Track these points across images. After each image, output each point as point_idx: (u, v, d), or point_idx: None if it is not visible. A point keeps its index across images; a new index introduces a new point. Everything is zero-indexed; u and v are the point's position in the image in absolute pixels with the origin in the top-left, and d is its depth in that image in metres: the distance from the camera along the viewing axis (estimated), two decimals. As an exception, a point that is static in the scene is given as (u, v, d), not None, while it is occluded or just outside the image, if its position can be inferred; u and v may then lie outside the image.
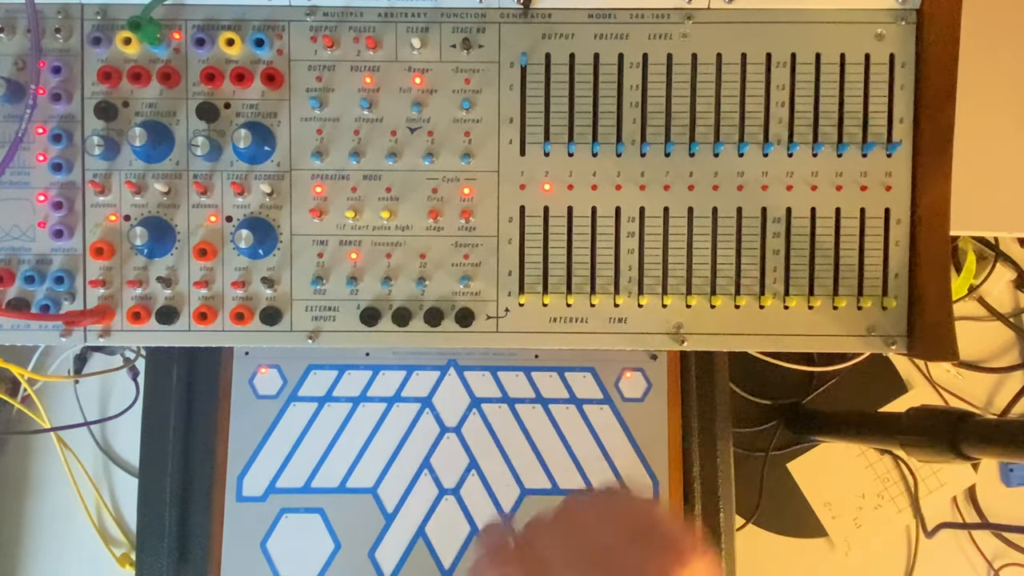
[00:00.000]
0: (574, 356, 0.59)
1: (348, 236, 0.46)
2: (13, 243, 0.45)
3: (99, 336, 0.45)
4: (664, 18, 0.45)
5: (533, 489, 0.58)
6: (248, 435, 0.58)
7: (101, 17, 0.45)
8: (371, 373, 0.59)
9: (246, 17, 0.45)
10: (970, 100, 0.44)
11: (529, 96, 0.45)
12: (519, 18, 0.45)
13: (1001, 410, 0.70)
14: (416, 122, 0.46)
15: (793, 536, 0.70)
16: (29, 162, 0.45)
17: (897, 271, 0.46)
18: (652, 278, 0.46)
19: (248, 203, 0.45)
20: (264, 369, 0.59)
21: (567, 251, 0.46)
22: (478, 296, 0.46)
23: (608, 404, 0.59)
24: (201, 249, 0.45)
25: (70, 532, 0.67)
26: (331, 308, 0.46)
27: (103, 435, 0.68)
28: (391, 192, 0.46)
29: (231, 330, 0.46)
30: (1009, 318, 0.70)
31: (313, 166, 0.45)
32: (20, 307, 0.45)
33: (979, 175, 0.48)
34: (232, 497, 0.58)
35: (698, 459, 0.59)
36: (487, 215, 0.46)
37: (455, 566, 0.57)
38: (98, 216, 0.45)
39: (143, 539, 0.58)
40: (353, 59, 0.45)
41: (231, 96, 0.45)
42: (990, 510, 0.70)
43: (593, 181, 0.46)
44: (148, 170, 0.45)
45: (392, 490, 0.58)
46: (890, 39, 0.45)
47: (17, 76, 0.44)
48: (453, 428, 0.59)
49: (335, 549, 0.57)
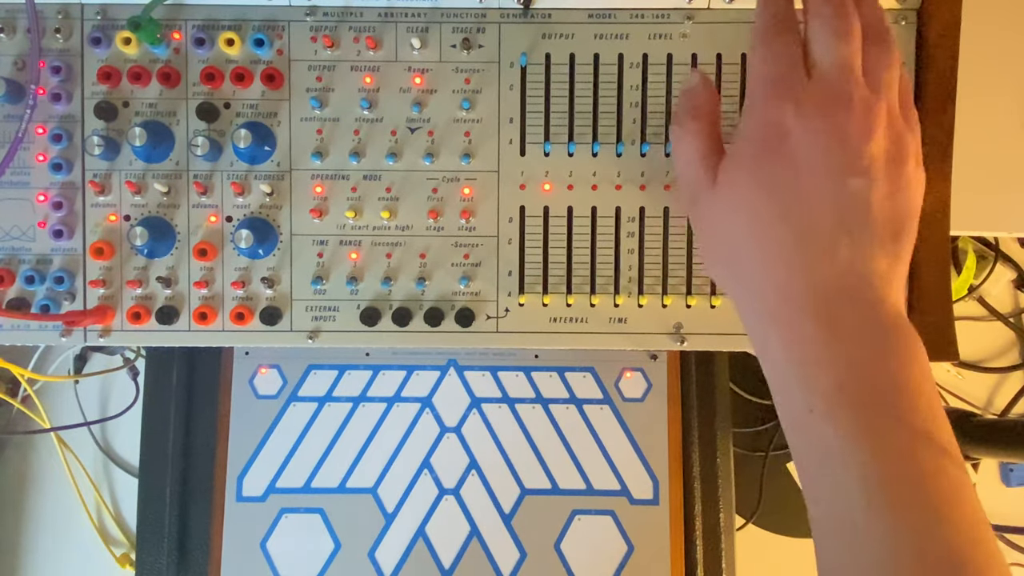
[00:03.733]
0: (574, 356, 0.59)
1: (348, 236, 0.46)
2: (13, 243, 0.45)
3: (99, 336, 0.45)
4: (664, 18, 0.45)
5: (533, 489, 0.58)
6: (248, 435, 0.58)
7: (101, 17, 0.45)
8: (371, 373, 0.59)
9: (246, 17, 0.45)
10: (970, 100, 0.44)
11: (529, 96, 0.45)
12: (519, 18, 0.45)
13: (1001, 410, 0.70)
14: (416, 122, 0.46)
15: (793, 536, 0.70)
16: (29, 162, 0.45)
17: (897, 271, 0.46)
18: (652, 278, 0.46)
19: (248, 203, 0.45)
20: (264, 369, 0.59)
21: (567, 251, 0.46)
22: (478, 296, 0.46)
23: (608, 404, 0.59)
24: (201, 249, 0.45)
25: (70, 532, 0.67)
26: (331, 308, 0.46)
27: (103, 435, 0.68)
28: (391, 192, 0.46)
29: (231, 330, 0.46)
30: (1009, 318, 0.70)
31: (313, 166, 0.45)
32: (20, 307, 0.45)
33: (979, 175, 0.48)
34: (232, 497, 0.58)
35: (698, 459, 0.59)
36: (487, 215, 0.46)
37: (455, 566, 0.57)
38: (98, 216, 0.45)
39: (143, 539, 0.58)
40: (353, 59, 0.45)
41: (231, 96, 0.45)
42: (990, 510, 0.68)
43: (593, 181, 0.46)
44: (148, 170, 0.45)
45: (392, 490, 0.58)
46: (890, 39, 0.45)
47: (17, 76, 0.44)
48: (453, 428, 0.59)
49: (335, 549, 0.57)
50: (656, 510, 0.58)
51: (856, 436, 0.32)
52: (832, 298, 0.34)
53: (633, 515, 0.58)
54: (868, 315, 0.33)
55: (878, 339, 0.33)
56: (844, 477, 0.31)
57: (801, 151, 0.34)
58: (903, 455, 0.31)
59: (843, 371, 0.33)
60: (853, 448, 0.31)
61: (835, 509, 0.32)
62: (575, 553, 0.57)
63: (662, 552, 0.57)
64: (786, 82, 0.35)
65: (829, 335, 0.33)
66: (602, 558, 0.57)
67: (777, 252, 0.35)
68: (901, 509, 0.30)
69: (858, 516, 0.31)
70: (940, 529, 0.30)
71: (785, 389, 0.35)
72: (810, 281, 0.34)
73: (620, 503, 0.58)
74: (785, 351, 0.35)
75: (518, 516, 0.58)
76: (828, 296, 0.34)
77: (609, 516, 0.58)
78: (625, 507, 0.58)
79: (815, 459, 0.33)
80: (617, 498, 0.58)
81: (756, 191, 0.35)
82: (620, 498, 0.58)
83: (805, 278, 0.34)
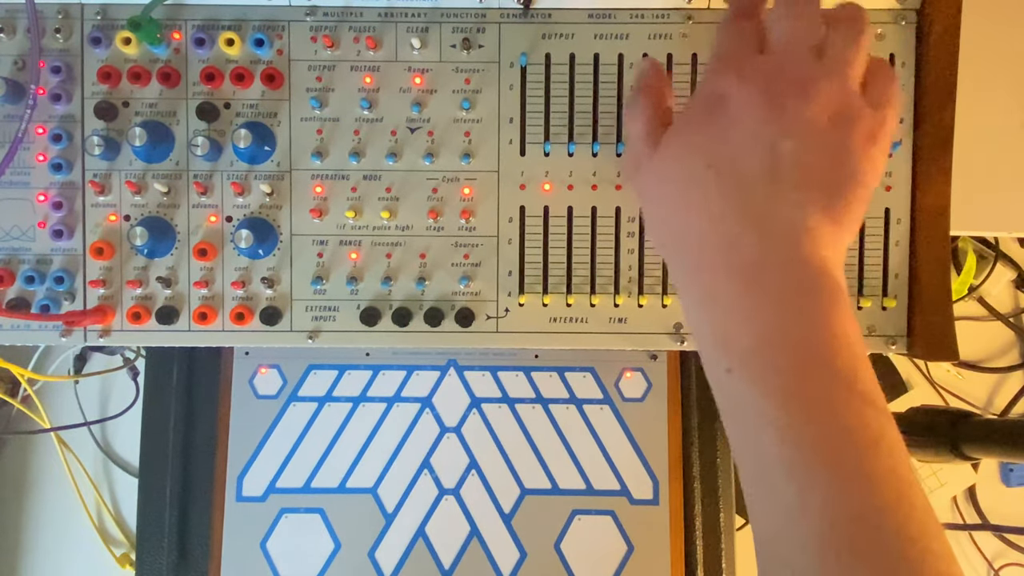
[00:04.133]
0: (574, 356, 0.59)
1: (348, 236, 0.46)
2: (13, 243, 0.45)
3: (99, 336, 0.45)
4: (664, 18, 0.45)
5: (533, 489, 0.58)
6: (248, 435, 0.58)
7: (101, 17, 0.45)
8: (371, 373, 0.59)
9: (246, 17, 0.45)
10: (970, 100, 0.44)
11: (529, 96, 0.45)
12: (519, 18, 0.45)
13: (1001, 410, 0.70)
14: (416, 122, 0.46)
15: (793, 536, 0.70)
16: (29, 162, 0.45)
17: (897, 271, 0.46)
18: (652, 278, 0.46)
19: (248, 203, 0.45)
20: (264, 369, 0.59)
21: (567, 251, 0.46)
22: (478, 296, 0.46)
23: (608, 404, 0.59)
24: (201, 249, 0.45)
25: (70, 532, 0.67)
26: (331, 308, 0.46)
27: (103, 435, 0.68)
28: (391, 192, 0.46)
29: (231, 330, 0.46)
30: (1009, 318, 0.70)
31: (313, 166, 0.45)
32: (20, 307, 0.45)
33: (979, 175, 0.48)
34: (232, 497, 0.58)
35: (698, 459, 0.59)
36: (487, 215, 0.46)
37: (455, 566, 0.57)
38: (98, 216, 0.45)
39: (143, 539, 0.58)
40: (353, 59, 0.45)
41: (231, 96, 0.45)
42: (990, 510, 0.70)
43: (593, 181, 0.46)
44: (148, 170, 0.45)
45: (392, 490, 0.58)
46: (890, 39, 0.45)
47: (17, 76, 0.44)
48: (453, 428, 0.59)
49: (335, 549, 0.57)
50: (656, 510, 0.58)
51: (769, 396, 0.31)
52: (750, 252, 0.33)
53: (633, 515, 0.58)
54: (789, 272, 0.33)
55: (798, 298, 0.32)
56: (762, 438, 0.31)
57: (735, 112, 0.34)
58: (818, 413, 0.30)
59: (758, 330, 0.32)
60: (768, 408, 0.31)
61: (756, 471, 0.32)
62: (575, 553, 0.57)
63: (662, 552, 0.57)
64: (734, 57, 0.36)
65: (744, 290, 0.33)
66: (602, 558, 0.57)
67: (700, 201, 0.34)
68: (813, 468, 0.30)
69: (776, 477, 0.30)
70: (853, 485, 0.29)
71: (705, 347, 0.34)
72: (729, 232, 0.34)
73: (620, 503, 0.58)
74: (703, 307, 0.34)
75: (518, 516, 0.58)
76: (746, 250, 0.33)
77: (609, 516, 0.58)
78: (625, 507, 0.58)
79: (737, 420, 0.33)
80: (617, 498, 0.58)
81: (689, 150, 0.36)
82: (620, 498, 0.58)
83: (724, 228, 0.34)
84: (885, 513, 0.29)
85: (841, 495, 0.29)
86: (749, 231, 0.33)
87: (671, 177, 0.36)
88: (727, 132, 0.34)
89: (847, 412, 0.30)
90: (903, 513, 0.29)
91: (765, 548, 0.32)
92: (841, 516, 0.29)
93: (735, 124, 0.34)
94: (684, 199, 0.35)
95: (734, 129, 0.34)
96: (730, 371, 0.33)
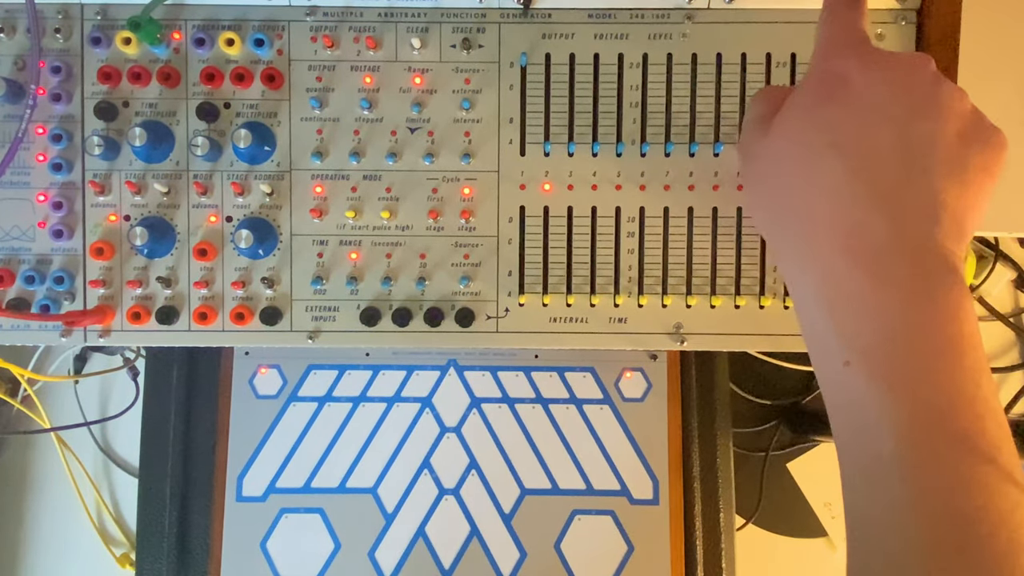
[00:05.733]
0: (574, 356, 0.59)
1: (348, 236, 0.46)
2: (13, 243, 0.45)
3: (99, 336, 0.45)
4: (664, 18, 0.45)
5: (533, 489, 0.58)
6: (248, 435, 0.58)
7: (101, 17, 0.45)
8: (371, 373, 0.59)
9: (246, 17, 0.45)
10: (970, 99, 0.44)
11: (529, 96, 0.45)
12: (519, 18, 0.45)
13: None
14: (416, 122, 0.46)
15: (793, 536, 0.70)
16: (29, 162, 0.45)
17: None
18: (652, 278, 0.46)
19: (248, 203, 0.45)
20: (264, 369, 0.59)
21: (567, 251, 0.46)
22: (478, 296, 0.46)
23: (608, 404, 0.59)
24: (201, 249, 0.45)
25: (70, 532, 0.67)
26: (331, 308, 0.46)
27: (103, 435, 0.68)
28: (391, 192, 0.46)
29: (231, 330, 0.46)
30: (1009, 318, 0.70)
31: (313, 166, 0.45)
32: (20, 307, 0.45)
33: (979, 175, 0.48)
34: (232, 497, 0.58)
35: (698, 459, 0.59)
36: (487, 215, 0.46)
37: (455, 566, 0.57)
38: (98, 216, 0.45)
39: (143, 539, 0.58)
40: (353, 59, 0.45)
41: (231, 96, 0.45)
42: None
43: (593, 181, 0.46)
44: (148, 170, 0.45)
45: (392, 490, 0.58)
46: (890, 39, 0.45)
47: (17, 76, 0.44)
48: (453, 428, 0.59)
49: (335, 549, 0.57)
50: (656, 510, 0.58)
51: (891, 392, 0.30)
52: (878, 237, 0.31)
53: (633, 515, 0.58)
54: (919, 261, 0.31)
55: (927, 291, 0.30)
56: (876, 434, 0.30)
57: (864, 96, 0.32)
58: (940, 417, 0.29)
59: (885, 323, 0.30)
60: (888, 405, 0.30)
61: (863, 464, 0.31)
62: (575, 553, 0.57)
63: (662, 552, 0.57)
64: (852, 43, 0.34)
65: (870, 278, 0.31)
66: (602, 558, 0.57)
67: (822, 181, 0.32)
68: (928, 471, 0.29)
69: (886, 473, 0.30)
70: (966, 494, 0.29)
71: (818, 337, 0.33)
72: (855, 214, 0.31)
73: (620, 503, 0.58)
74: (821, 295, 0.32)
75: (518, 516, 0.58)
76: (874, 235, 0.31)
77: (609, 516, 0.58)
78: (625, 507, 0.58)
79: (850, 414, 0.32)
80: (617, 498, 0.58)
81: (810, 127, 0.34)
82: (620, 498, 0.58)
83: (850, 210, 0.32)
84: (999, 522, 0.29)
85: (954, 499, 0.29)
86: (877, 215, 0.31)
87: (789, 155, 0.34)
88: (854, 112, 0.32)
89: (969, 418, 0.29)
90: (1016, 522, 0.29)
91: (860, 530, 0.31)
92: (952, 520, 0.29)
93: (863, 106, 0.32)
94: (804, 178, 0.33)
95: (862, 110, 0.32)
96: (848, 364, 0.31)
